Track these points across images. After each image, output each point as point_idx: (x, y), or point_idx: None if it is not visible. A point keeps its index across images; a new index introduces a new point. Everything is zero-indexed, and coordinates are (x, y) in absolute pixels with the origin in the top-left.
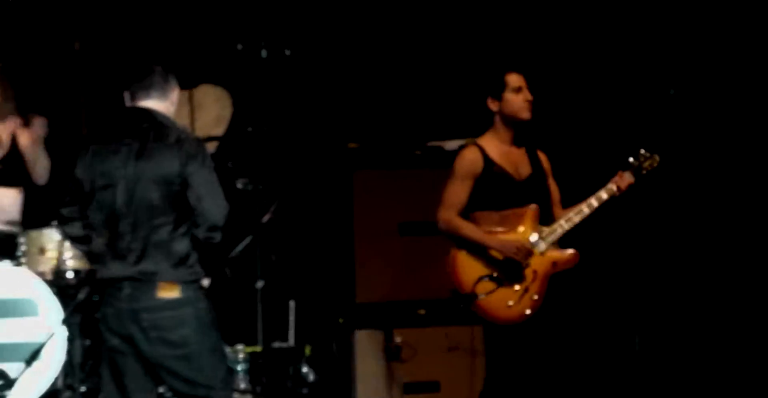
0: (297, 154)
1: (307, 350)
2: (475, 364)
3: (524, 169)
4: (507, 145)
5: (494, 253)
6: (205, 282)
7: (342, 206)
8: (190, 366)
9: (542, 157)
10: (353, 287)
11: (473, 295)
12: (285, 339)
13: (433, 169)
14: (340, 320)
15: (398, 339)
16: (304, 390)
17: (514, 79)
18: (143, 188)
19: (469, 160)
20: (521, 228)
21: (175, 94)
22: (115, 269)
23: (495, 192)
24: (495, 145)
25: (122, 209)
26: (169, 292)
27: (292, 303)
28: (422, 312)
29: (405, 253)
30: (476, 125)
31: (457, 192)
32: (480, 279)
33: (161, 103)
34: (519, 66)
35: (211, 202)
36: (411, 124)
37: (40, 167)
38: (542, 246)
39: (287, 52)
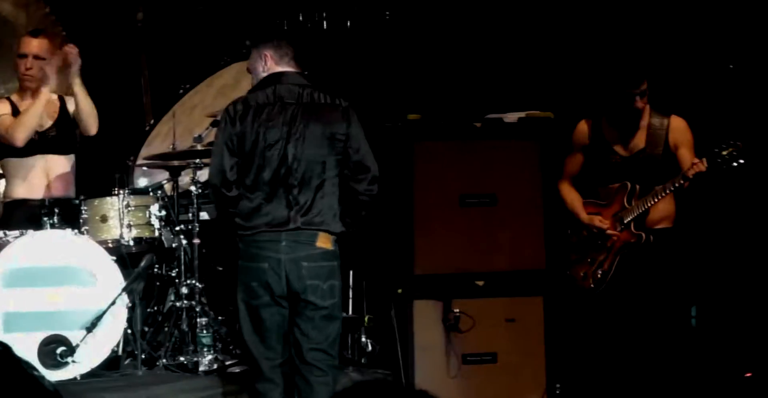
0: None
1: (366, 320)
2: (533, 336)
3: (637, 145)
4: (627, 120)
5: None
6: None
7: (402, 177)
8: (329, 321)
9: (674, 130)
10: (412, 258)
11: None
12: (346, 309)
13: (493, 141)
14: (399, 290)
15: (456, 310)
16: (363, 360)
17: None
18: (313, 144)
19: (578, 131)
20: (614, 205)
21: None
22: (277, 222)
23: (597, 165)
24: (613, 119)
25: (294, 164)
26: (326, 243)
27: (351, 274)
28: (481, 283)
29: (464, 224)
30: (535, 98)
31: (569, 161)
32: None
33: (297, 68)
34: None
35: (371, 158)
36: (471, 97)
37: (86, 113)
38: (618, 225)
39: (348, 24)
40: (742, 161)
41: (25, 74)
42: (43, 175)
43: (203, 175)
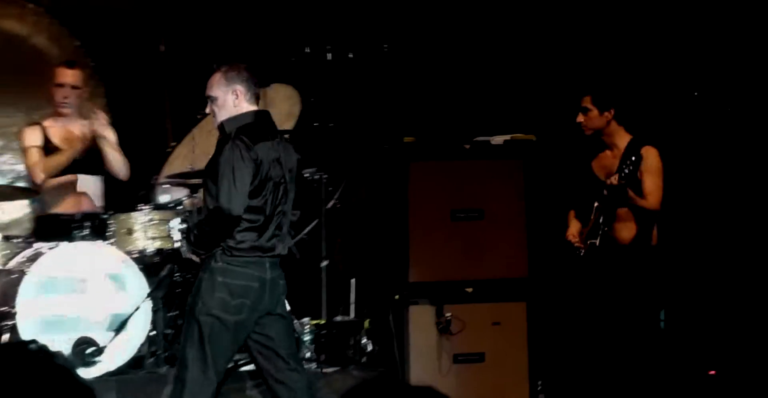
0: (358, 147)
1: (366, 323)
2: (517, 337)
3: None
4: (606, 148)
5: None
6: None
7: (398, 194)
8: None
9: (645, 156)
10: (407, 267)
11: None
12: (347, 313)
13: (481, 161)
14: (396, 296)
15: (448, 315)
16: (363, 359)
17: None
18: (294, 181)
19: None
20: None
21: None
22: (267, 247)
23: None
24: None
25: (285, 198)
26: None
27: (352, 281)
28: (470, 290)
29: (454, 237)
30: (518, 122)
31: None
32: None
33: (258, 106)
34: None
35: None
36: (461, 121)
37: (118, 167)
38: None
39: (350, 55)
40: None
41: (62, 102)
42: (75, 193)
43: None
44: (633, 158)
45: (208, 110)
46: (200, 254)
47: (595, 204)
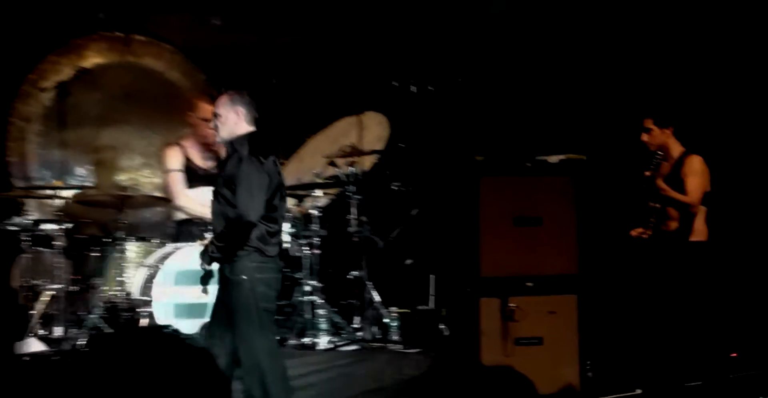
0: (437, 164)
1: (443, 312)
2: (569, 324)
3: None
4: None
5: None
6: None
7: (470, 203)
8: None
9: (689, 161)
10: (478, 265)
11: None
12: (427, 303)
13: (540, 177)
14: (468, 290)
15: (512, 305)
16: (440, 342)
17: None
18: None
19: None
20: None
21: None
22: (279, 249)
23: None
24: None
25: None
26: None
27: (432, 277)
28: (530, 284)
29: (517, 240)
30: (572, 143)
31: None
32: None
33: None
34: None
35: None
36: (524, 142)
37: None
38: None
39: (430, 88)
40: None
41: (207, 133)
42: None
43: (321, 200)
44: (660, 153)
45: (212, 125)
46: (218, 260)
47: (650, 204)
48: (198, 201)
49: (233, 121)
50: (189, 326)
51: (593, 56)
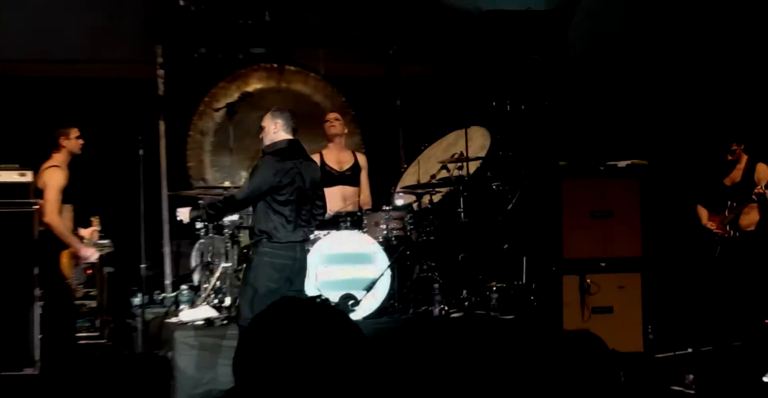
0: (529, 168)
1: (533, 286)
2: (635, 297)
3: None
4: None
5: None
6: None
7: (555, 200)
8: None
9: (759, 169)
10: (561, 249)
11: None
12: (521, 279)
13: (611, 179)
14: (554, 268)
15: (588, 281)
16: (531, 312)
17: None
18: (308, 185)
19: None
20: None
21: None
22: (301, 234)
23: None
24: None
25: (304, 196)
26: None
27: (524, 258)
28: (603, 264)
29: (593, 228)
30: (638, 150)
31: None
32: None
33: (293, 136)
34: None
35: (323, 202)
36: (599, 149)
37: (365, 183)
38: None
39: (522, 107)
40: None
41: (331, 128)
42: (341, 198)
43: (436, 198)
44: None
45: (260, 136)
46: (199, 219)
47: (729, 202)
48: (332, 197)
49: (272, 130)
50: (333, 297)
51: (656, 80)
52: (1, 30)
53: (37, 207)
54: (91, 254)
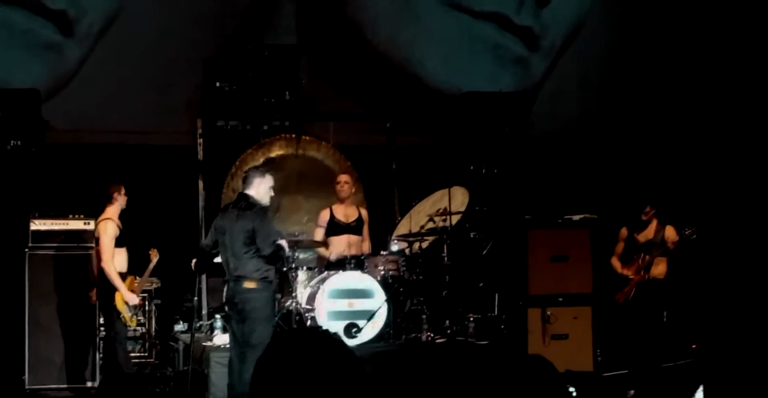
0: (500, 220)
1: (503, 317)
2: (586, 326)
3: (646, 236)
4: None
5: None
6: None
7: (521, 247)
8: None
9: (667, 231)
10: (526, 286)
11: None
12: (493, 311)
13: (566, 229)
14: (520, 303)
15: (548, 312)
16: (501, 338)
17: None
18: (238, 234)
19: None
20: (634, 264)
21: (261, 184)
22: (229, 273)
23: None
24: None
25: (229, 244)
26: (250, 284)
27: (496, 295)
28: (561, 299)
29: (552, 270)
30: (588, 206)
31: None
32: None
33: (252, 191)
34: None
35: (262, 241)
36: (556, 206)
37: (366, 233)
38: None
39: (495, 171)
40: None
41: (341, 191)
42: (347, 245)
43: (425, 245)
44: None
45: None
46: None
47: (642, 254)
48: (341, 244)
49: (255, 185)
50: (337, 326)
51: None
52: (77, 106)
53: (95, 250)
54: (137, 302)
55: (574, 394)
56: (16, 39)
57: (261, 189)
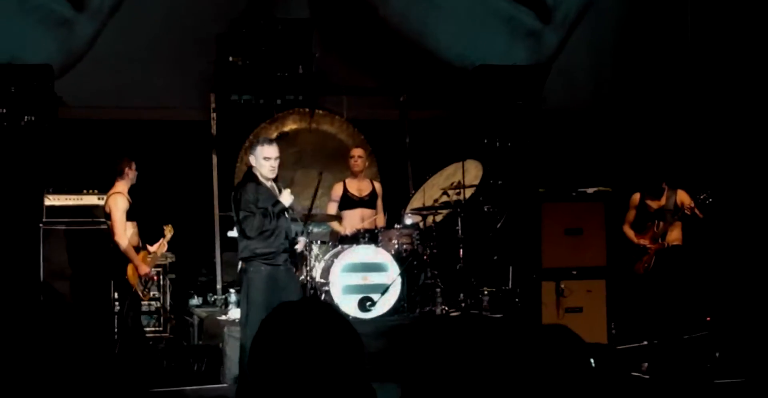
0: (514, 194)
1: (518, 290)
2: (600, 299)
3: (660, 203)
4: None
5: None
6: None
7: (535, 220)
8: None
9: (680, 196)
10: (540, 259)
11: None
12: (507, 284)
13: (581, 203)
14: (534, 276)
15: (562, 286)
16: (515, 311)
17: None
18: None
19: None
20: (649, 232)
21: (255, 154)
22: None
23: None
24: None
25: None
26: (241, 264)
27: (510, 267)
28: (575, 272)
29: (566, 243)
30: (603, 179)
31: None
32: None
33: (252, 161)
34: None
35: (235, 220)
36: (571, 179)
37: (380, 205)
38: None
39: (509, 144)
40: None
41: (355, 165)
42: (360, 219)
43: (438, 218)
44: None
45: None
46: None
47: (656, 221)
48: (354, 218)
49: (253, 155)
50: (351, 300)
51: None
52: (90, 82)
53: (108, 226)
54: (148, 271)
55: (593, 365)
56: (29, 15)
57: (257, 159)
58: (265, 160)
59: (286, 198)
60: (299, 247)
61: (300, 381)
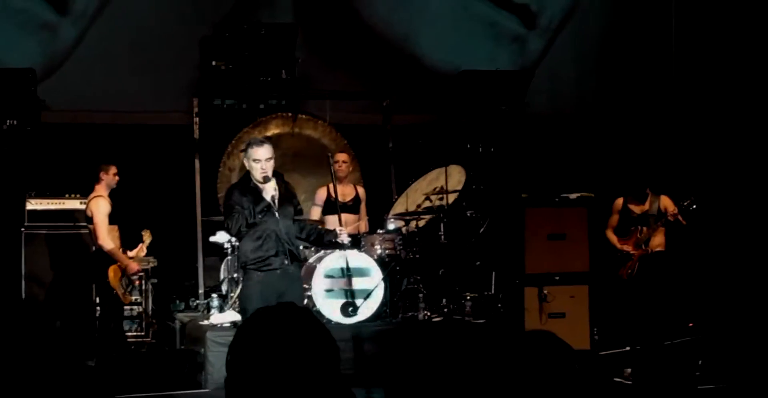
0: (497, 199)
1: (500, 296)
2: (583, 305)
3: (643, 208)
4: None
5: None
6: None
7: (519, 225)
8: None
9: (663, 201)
10: (523, 265)
11: None
12: (490, 290)
13: (564, 208)
14: (517, 281)
15: (545, 291)
16: (498, 316)
17: None
18: None
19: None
20: (632, 237)
21: (246, 158)
22: None
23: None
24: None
25: None
26: None
27: (493, 273)
28: (557, 278)
29: (549, 248)
30: (585, 184)
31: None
32: None
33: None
34: None
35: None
36: (554, 185)
37: (364, 211)
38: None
39: (491, 149)
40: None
41: (339, 170)
42: (343, 224)
43: (421, 223)
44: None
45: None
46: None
47: (639, 227)
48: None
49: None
50: (333, 304)
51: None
52: (73, 86)
53: (90, 229)
54: (136, 269)
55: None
56: (12, 18)
57: (248, 161)
58: (254, 162)
59: (268, 191)
60: (344, 239)
61: (276, 386)
